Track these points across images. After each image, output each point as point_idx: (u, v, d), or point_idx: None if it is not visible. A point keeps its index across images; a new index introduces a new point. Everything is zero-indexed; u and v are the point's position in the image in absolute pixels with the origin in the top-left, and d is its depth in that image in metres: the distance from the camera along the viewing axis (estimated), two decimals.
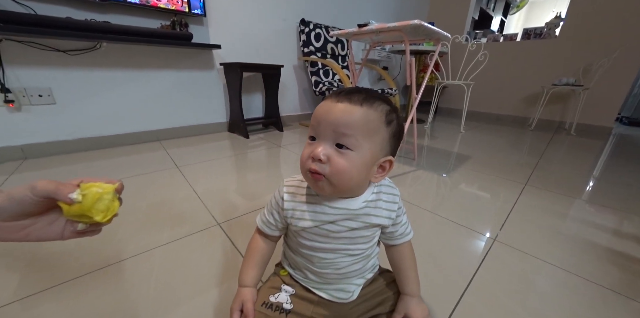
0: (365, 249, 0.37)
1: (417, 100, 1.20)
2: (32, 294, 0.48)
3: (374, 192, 0.37)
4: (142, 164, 1.17)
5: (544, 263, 0.61)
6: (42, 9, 1.13)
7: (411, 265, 0.41)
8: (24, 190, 0.24)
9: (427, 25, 1.00)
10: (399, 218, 0.39)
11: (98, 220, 0.25)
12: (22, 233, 0.25)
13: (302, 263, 0.39)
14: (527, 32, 2.62)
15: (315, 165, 0.30)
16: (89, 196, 0.24)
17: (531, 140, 1.95)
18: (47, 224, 0.27)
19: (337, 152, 0.30)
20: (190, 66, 1.61)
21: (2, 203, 0.24)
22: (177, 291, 0.50)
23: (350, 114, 0.30)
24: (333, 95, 0.32)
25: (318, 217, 0.35)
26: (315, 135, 0.31)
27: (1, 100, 1.11)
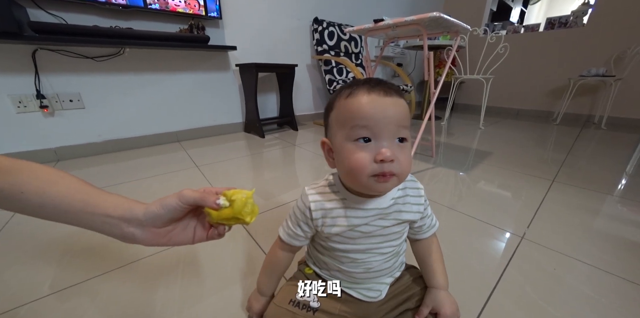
0: (396, 246, 0.37)
1: (435, 96, 1.17)
2: (67, 287, 0.51)
3: (400, 188, 0.36)
4: (164, 164, 1.22)
5: (577, 262, 0.58)
6: (71, 18, 1.20)
7: (438, 257, 0.40)
8: (174, 199, 0.27)
9: (447, 17, 0.97)
10: (426, 211, 0.38)
11: (248, 221, 0.28)
12: (166, 238, 0.29)
13: (331, 264, 0.38)
14: (551, 21, 2.48)
15: (389, 167, 0.28)
16: (238, 201, 0.27)
17: (557, 135, 1.85)
18: (182, 230, 0.30)
19: (399, 147, 0.29)
20: (207, 68, 1.65)
21: (158, 211, 0.27)
22: (203, 285, 0.52)
23: (403, 105, 0.30)
24: (368, 88, 0.30)
25: (350, 221, 0.34)
26: (371, 135, 0.29)
27: (37, 105, 1.18)
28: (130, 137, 1.48)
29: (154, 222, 0.27)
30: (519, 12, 4.43)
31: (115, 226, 0.27)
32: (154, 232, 0.28)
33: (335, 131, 0.32)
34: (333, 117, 0.32)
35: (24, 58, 1.13)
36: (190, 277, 0.54)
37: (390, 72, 2.88)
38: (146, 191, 0.94)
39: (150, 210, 0.27)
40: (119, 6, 1.25)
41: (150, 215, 0.27)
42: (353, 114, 0.29)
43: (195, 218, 0.31)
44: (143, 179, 1.04)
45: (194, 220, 0.31)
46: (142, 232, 0.27)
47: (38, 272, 0.56)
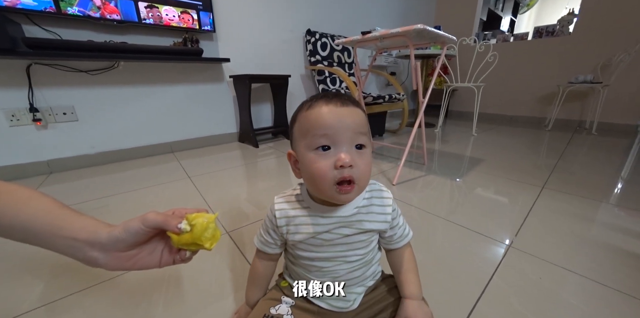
0: (363, 255, 0.37)
1: (424, 104, 1.19)
2: (56, 300, 0.51)
3: (365, 197, 0.37)
4: (156, 175, 1.22)
5: (565, 271, 0.58)
6: (66, 34, 1.23)
7: (411, 267, 0.40)
8: (137, 222, 0.27)
9: (431, 29, 1.00)
10: (395, 221, 0.38)
11: (207, 247, 0.27)
12: (130, 262, 0.28)
13: (302, 274, 0.39)
14: (539, 30, 2.55)
15: (349, 172, 0.29)
16: (198, 226, 0.27)
17: (549, 140, 1.87)
18: (148, 254, 0.29)
19: (357, 153, 0.31)
20: (202, 80, 1.68)
21: (121, 235, 0.27)
22: (189, 299, 0.51)
23: (359, 114, 0.32)
24: (325, 101, 0.31)
25: (312, 228, 0.35)
26: (330, 143, 0.30)
27: (30, 119, 1.19)
28: (124, 148, 1.48)
29: (117, 245, 0.27)
30: (509, 21, 4.56)
31: (79, 249, 0.26)
32: (117, 256, 0.27)
33: (298, 142, 0.33)
34: (296, 129, 0.34)
35: (18, 72, 1.15)
36: (175, 292, 0.53)
37: (383, 80, 2.93)
38: (138, 202, 0.94)
39: (112, 234, 0.27)
40: (113, 21, 1.28)
41: (112, 239, 0.26)
42: (312, 124, 0.31)
43: (162, 241, 0.31)
44: (135, 190, 1.04)
45: (161, 244, 0.30)
46: (104, 256, 0.27)
47: (20, 286, 0.55)
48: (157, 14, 1.39)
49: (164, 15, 1.40)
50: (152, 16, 1.37)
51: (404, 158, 1.12)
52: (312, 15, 2.10)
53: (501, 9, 4.17)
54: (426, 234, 0.73)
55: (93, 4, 1.21)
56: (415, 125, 1.17)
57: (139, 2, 1.33)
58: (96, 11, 1.23)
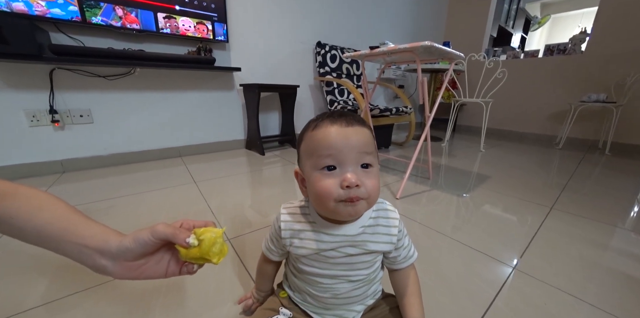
0: (366, 275, 0.37)
1: (430, 119, 1.19)
2: (59, 299, 0.52)
3: (372, 216, 0.36)
4: (164, 179, 1.24)
5: (572, 298, 0.55)
6: (88, 41, 1.30)
7: (414, 290, 0.39)
8: (147, 233, 0.28)
9: (438, 46, 1.01)
10: (401, 242, 0.38)
11: (214, 262, 0.28)
12: (137, 272, 0.29)
13: (302, 287, 0.39)
14: (550, 48, 2.55)
15: (356, 193, 0.29)
16: (206, 241, 0.27)
17: (559, 159, 1.83)
18: (155, 264, 0.30)
19: (364, 173, 0.31)
20: (213, 87, 1.73)
21: (130, 245, 0.27)
22: (187, 304, 0.51)
23: (365, 133, 0.32)
24: (331, 121, 0.32)
25: (316, 245, 0.35)
26: (336, 163, 0.30)
27: (49, 120, 1.25)
28: (134, 151, 1.52)
29: (126, 255, 0.28)
30: (520, 38, 4.58)
31: (89, 257, 0.27)
32: (125, 266, 0.28)
33: (304, 161, 0.33)
34: (302, 149, 0.34)
35: (42, 76, 1.21)
36: (174, 297, 0.53)
37: (391, 93, 2.95)
38: (144, 205, 0.95)
39: (122, 244, 0.27)
40: (133, 30, 1.35)
41: (122, 248, 0.27)
42: (318, 144, 0.31)
43: (170, 252, 0.31)
44: (142, 193, 1.06)
45: (168, 254, 0.31)
46: (113, 264, 0.27)
47: (25, 284, 0.56)
48: (174, 24, 1.45)
49: (180, 26, 1.47)
50: (170, 26, 1.44)
51: (409, 171, 1.12)
52: (323, 27, 2.16)
53: (512, 26, 4.20)
54: (428, 251, 0.71)
55: (115, 14, 1.28)
56: (421, 139, 1.17)
57: (158, 13, 1.40)
58: (118, 21, 1.30)
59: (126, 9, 1.30)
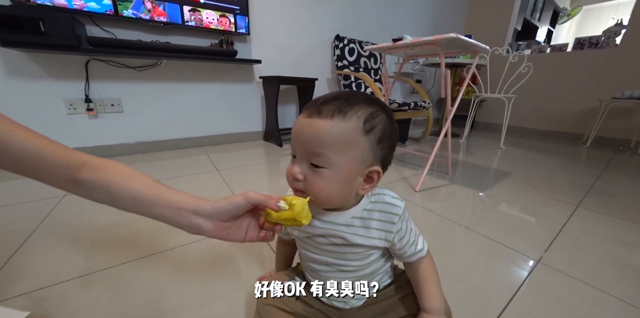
0: (357, 266, 0.36)
1: (451, 113, 1.17)
2: (92, 272, 0.56)
3: (367, 208, 0.34)
4: (188, 167, 1.30)
5: (601, 293, 0.55)
6: (119, 33, 1.36)
7: (429, 277, 0.36)
8: (240, 198, 0.31)
9: (464, 38, 0.99)
10: (402, 241, 0.35)
11: (303, 223, 0.31)
12: (224, 232, 0.32)
13: (305, 274, 0.42)
14: (580, 41, 2.42)
15: (296, 184, 0.31)
16: (297, 205, 0.30)
17: (586, 159, 1.76)
18: (237, 228, 0.33)
19: (312, 171, 0.29)
20: (233, 79, 1.77)
21: (225, 207, 0.31)
22: (216, 281, 0.55)
23: (318, 130, 0.28)
24: (306, 108, 0.30)
25: (305, 228, 0.35)
26: (293, 153, 0.31)
27: (84, 108, 1.33)
28: (159, 139, 1.59)
29: (220, 216, 0.31)
30: (546, 32, 4.35)
31: (185, 217, 0.30)
32: (217, 225, 0.31)
33: None
34: None
35: (79, 67, 1.29)
36: (206, 272, 0.57)
37: (409, 88, 2.90)
38: None
39: (217, 205, 0.31)
40: (160, 23, 1.39)
41: (217, 209, 0.31)
42: (291, 132, 0.32)
43: (248, 220, 0.34)
44: (169, 179, 1.12)
45: (247, 222, 0.34)
46: (208, 223, 0.31)
47: (70, 256, 0.62)
48: (198, 17, 1.49)
49: (204, 18, 1.51)
50: (194, 19, 1.48)
51: (428, 165, 1.12)
52: (342, 21, 2.14)
53: (538, 18, 3.99)
54: (447, 242, 0.72)
55: (145, 7, 1.33)
56: (441, 134, 1.16)
57: (184, 6, 1.44)
58: (147, 14, 1.35)
59: (155, 2, 1.34)
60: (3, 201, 0.89)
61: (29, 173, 0.29)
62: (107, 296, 0.51)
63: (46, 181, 0.30)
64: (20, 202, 0.89)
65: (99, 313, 0.47)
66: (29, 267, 0.58)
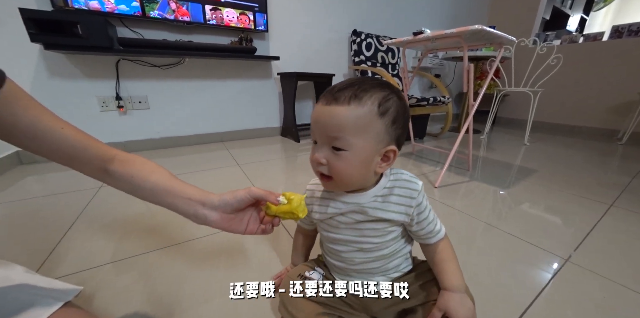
0: (377, 244, 0.37)
1: (474, 108, 1.14)
2: (124, 258, 0.61)
3: (387, 186, 0.36)
4: (211, 161, 1.36)
5: (636, 295, 0.53)
6: (147, 34, 1.42)
7: (447, 257, 0.37)
8: (244, 192, 0.34)
9: (490, 30, 0.96)
10: (421, 216, 0.36)
11: (300, 216, 0.34)
12: (227, 224, 0.35)
13: (325, 258, 0.43)
14: (618, 29, 2.24)
15: (319, 168, 0.33)
16: (296, 200, 0.34)
17: (621, 156, 1.65)
18: (239, 220, 0.36)
19: (334, 154, 0.32)
20: (252, 76, 1.81)
21: (230, 200, 0.34)
22: (240, 270, 0.58)
23: (337, 116, 0.30)
24: (323, 96, 0.32)
25: (329, 210, 0.38)
26: (314, 139, 0.34)
27: (115, 106, 1.41)
28: (182, 135, 1.67)
29: (225, 207, 0.34)
30: (579, 20, 4.06)
31: (192, 207, 0.34)
32: (222, 216, 0.34)
33: None
34: None
35: (110, 67, 1.37)
36: (230, 260, 0.60)
37: (427, 82, 2.83)
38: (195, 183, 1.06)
39: (223, 198, 0.34)
40: (183, 23, 1.44)
41: (223, 202, 0.34)
42: (311, 119, 0.34)
43: (249, 214, 0.37)
44: (194, 172, 1.18)
45: (248, 215, 0.37)
46: (214, 214, 0.34)
47: (105, 243, 0.67)
48: (219, 15, 1.53)
49: (225, 17, 1.54)
50: (215, 17, 1.52)
51: (448, 161, 1.10)
52: (359, 15, 2.11)
53: (569, 6, 3.73)
54: (468, 237, 0.71)
55: (169, 7, 1.38)
56: (462, 129, 1.13)
57: (206, 5, 1.48)
58: (171, 14, 1.40)
59: (179, 2, 1.39)
60: (50, 191, 0.98)
61: (70, 164, 0.33)
62: (136, 280, 0.55)
63: (83, 171, 0.35)
64: (63, 191, 0.97)
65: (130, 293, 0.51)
66: (74, 250, 0.64)
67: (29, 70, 1.22)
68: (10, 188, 1.02)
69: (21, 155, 1.27)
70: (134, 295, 0.50)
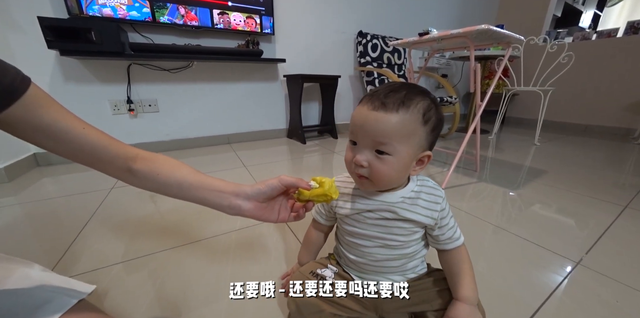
0: (402, 242, 0.38)
1: (481, 108, 1.13)
2: (135, 258, 0.62)
3: (414, 190, 0.38)
4: (218, 163, 1.38)
5: None
6: (156, 39, 1.46)
7: (463, 268, 0.38)
8: (276, 180, 0.35)
9: (497, 29, 0.95)
10: (444, 221, 0.38)
11: (334, 197, 0.35)
12: (260, 212, 0.36)
13: (345, 254, 0.42)
14: (634, 25, 2.18)
15: (359, 171, 0.34)
16: (327, 183, 0.35)
17: (638, 156, 1.60)
18: (270, 209, 0.37)
19: (377, 157, 0.32)
20: (259, 78, 1.83)
21: (263, 188, 0.35)
22: (250, 268, 0.59)
23: (386, 123, 0.31)
24: (369, 99, 0.33)
25: (357, 206, 0.39)
26: (355, 140, 0.34)
27: (127, 109, 1.45)
28: (191, 137, 1.70)
29: (258, 196, 0.35)
30: (592, 16, 3.95)
31: (226, 198, 0.35)
32: (256, 205, 0.35)
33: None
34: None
35: (121, 71, 1.41)
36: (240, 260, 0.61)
37: (434, 83, 2.80)
38: None
39: (256, 187, 0.35)
40: (192, 27, 1.48)
41: (256, 191, 0.35)
42: (352, 118, 0.35)
43: (279, 202, 0.38)
44: None
45: (278, 204, 0.38)
46: (247, 203, 0.35)
47: (117, 243, 0.69)
48: (227, 19, 1.56)
49: (232, 21, 1.57)
50: (223, 21, 1.55)
51: (455, 162, 1.08)
52: (364, 17, 2.12)
53: (582, 2, 3.64)
54: (477, 240, 0.71)
55: (179, 12, 1.42)
56: (469, 130, 1.12)
57: (214, 10, 1.51)
58: (180, 19, 1.43)
59: (187, 7, 1.43)
60: (65, 192, 1.01)
61: (93, 164, 0.34)
62: (146, 279, 0.56)
63: (106, 171, 0.35)
64: (77, 192, 1.01)
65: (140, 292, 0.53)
66: (87, 249, 0.66)
67: (45, 76, 1.27)
68: (28, 189, 1.06)
69: (38, 157, 1.32)
70: (144, 294, 0.52)
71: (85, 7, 1.20)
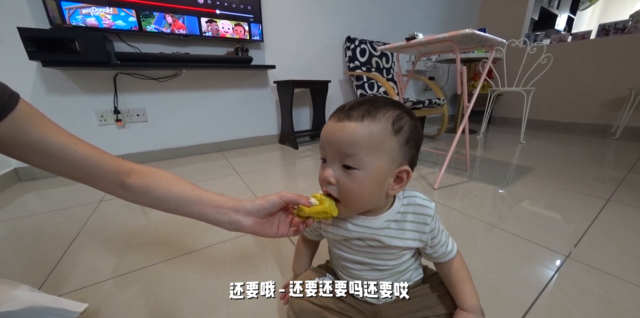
0: (392, 265, 0.37)
1: (469, 109, 1.16)
2: (127, 273, 0.60)
3: (400, 211, 0.35)
4: (210, 171, 1.36)
5: (638, 289, 0.53)
6: (143, 47, 1.44)
7: (463, 278, 0.37)
8: (276, 196, 0.34)
9: (480, 33, 0.98)
10: (435, 240, 0.36)
11: (334, 215, 0.33)
12: (260, 228, 0.35)
13: (336, 271, 0.42)
14: (605, 27, 2.30)
15: (329, 188, 0.32)
16: (326, 201, 0.33)
17: (615, 151, 1.67)
18: (269, 225, 0.36)
19: (345, 173, 0.30)
20: (249, 85, 1.83)
21: (263, 204, 0.34)
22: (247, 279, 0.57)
23: (350, 132, 0.29)
24: (336, 113, 0.32)
25: (340, 231, 0.36)
26: (323, 156, 0.32)
27: (113, 119, 1.42)
28: (181, 146, 1.67)
29: (258, 212, 0.34)
30: (566, 19, 4.15)
31: (225, 214, 0.34)
32: (256, 221, 0.35)
33: None
34: None
35: (107, 81, 1.38)
36: (236, 270, 0.60)
37: (421, 85, 2.87)
38: None
39: (256, 203, 0.34)
40: (180, 35, 1.47)
41: (256, 207, 0.34)
42: (320, 136, 0.33)
43: (279, 218, 0.37)
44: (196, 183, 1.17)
45: (277, 219, 0.37)
46: (247, 219, 0.34)
47: (108, 258, 0.67)
48: (215, 27, 1.56)
49: (220, 28, 1.57)
50: (211, 29, 1.55)
51: (446, 163, 1.11)
52: (352, 22, 2.16)
53: (557, 6, 3.82)
54: (469, 239, 0.72)
55: (166, 21, 1.41)
56: (459, 130, 1.15)
57: (202, 18, 1.51)
58: (168, 27, 1.43)
59: (175, 16, 1.42)
60: (50, 207, 0.98)
61: (84, 180, 0.33)
62: (139, 294, 0.54)
63: (99, 186, 0.34)
64: (63, 207, 0.97)
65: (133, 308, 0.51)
66: (76, 266, 0.64)
67: (27, 88, 1.23)
68: (10, 205, 1.01)
69: (19, 172, 1.27)
70: (138, 310, 0.50)
71: (68, 17, 1.18)
